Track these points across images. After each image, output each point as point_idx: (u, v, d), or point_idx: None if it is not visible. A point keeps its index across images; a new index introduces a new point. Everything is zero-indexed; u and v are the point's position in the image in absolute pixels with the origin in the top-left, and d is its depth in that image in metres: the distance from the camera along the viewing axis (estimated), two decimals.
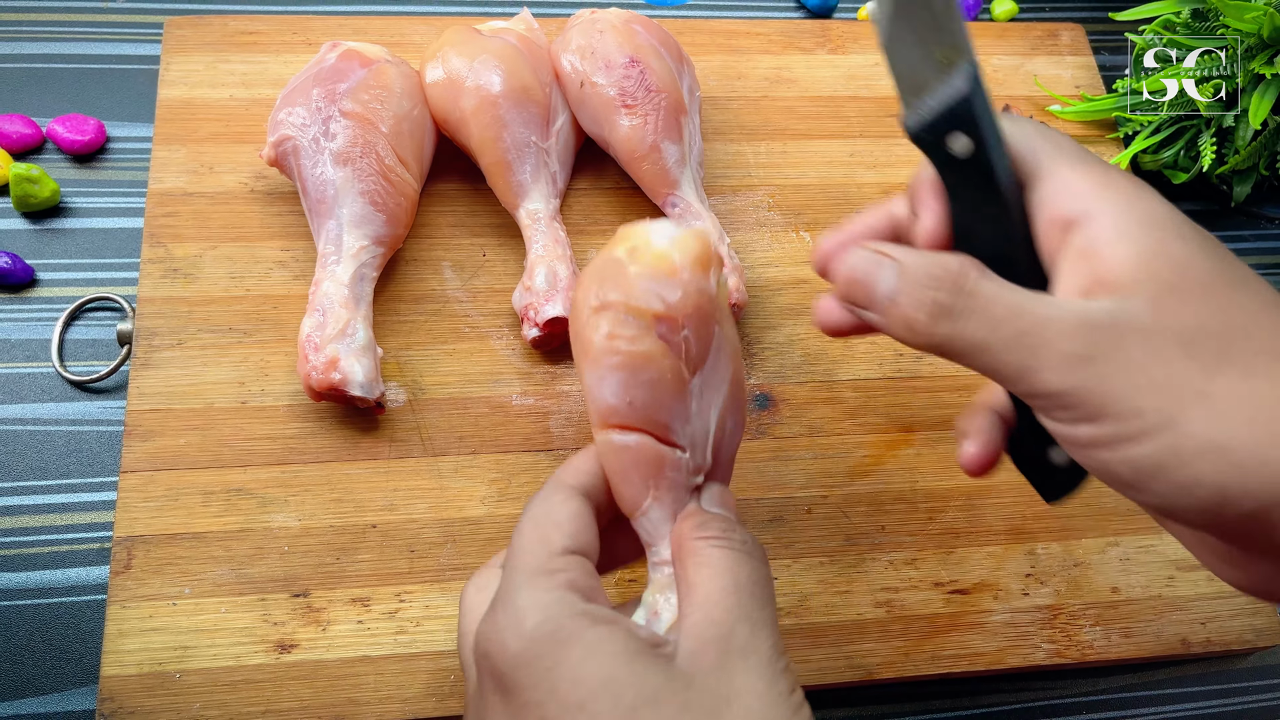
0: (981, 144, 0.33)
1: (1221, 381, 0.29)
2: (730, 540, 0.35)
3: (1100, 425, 0.29)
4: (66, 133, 0.58)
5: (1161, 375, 0.29)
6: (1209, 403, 0.28)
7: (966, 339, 0.31)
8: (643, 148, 0.54)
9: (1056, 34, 0.69)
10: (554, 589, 0.33)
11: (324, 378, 0.48)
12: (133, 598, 0.46)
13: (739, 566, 0.34)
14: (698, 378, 0.37)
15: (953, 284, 0.32)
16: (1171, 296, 0.30)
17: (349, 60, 0.53)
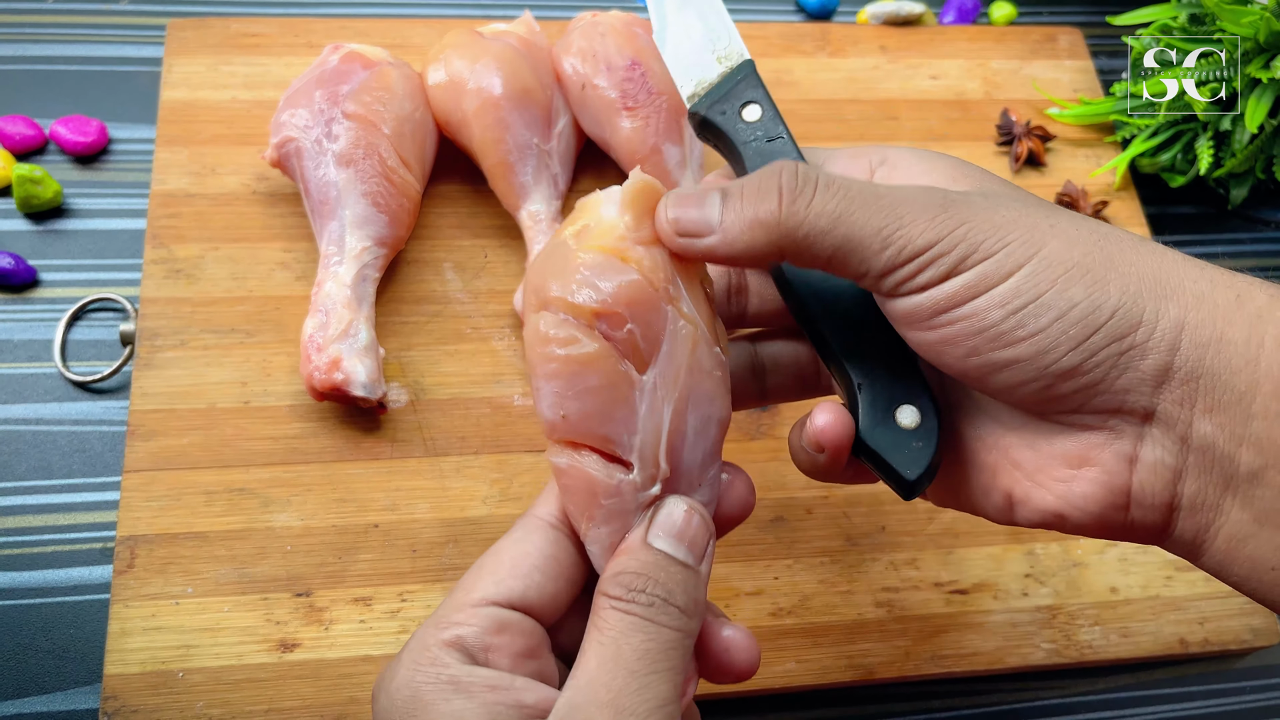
0: (770, 108, 0.38)
1: (1061, 220, 0.31)
2: (632, 601, 0.31)
3: (970, 273, 0.30)
4: (69, 134, 0.58)
5: (1014, 214, 0.30)
6: (1060, 234, 0.30)
7: (826, 210, 0.30)
8: (644, 149, 0.54)
9: (1055, 38, 0.69)
10: (432, 647, 0.31)
11: (326, 378, 0.49)
12: (136, 597, 0.47)
13: (627, 637, 0.30)
14: (650, 372, 0.33)
15: (794, 171, 0.31)
16: (988, 184, 0.33)
17: (351, 62, 0.54)
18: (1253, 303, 0.29)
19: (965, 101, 0.66)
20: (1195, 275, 0.30)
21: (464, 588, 0.32)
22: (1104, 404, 0.30)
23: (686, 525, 0.32)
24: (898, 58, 0.67)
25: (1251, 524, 0.29)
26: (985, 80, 0.67)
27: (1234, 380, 0.29)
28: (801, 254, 0.31)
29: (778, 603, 0.50)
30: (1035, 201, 0.32)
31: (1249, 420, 0.28)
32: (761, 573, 0.51)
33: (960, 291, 0.30)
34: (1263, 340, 0.28)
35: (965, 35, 0.69)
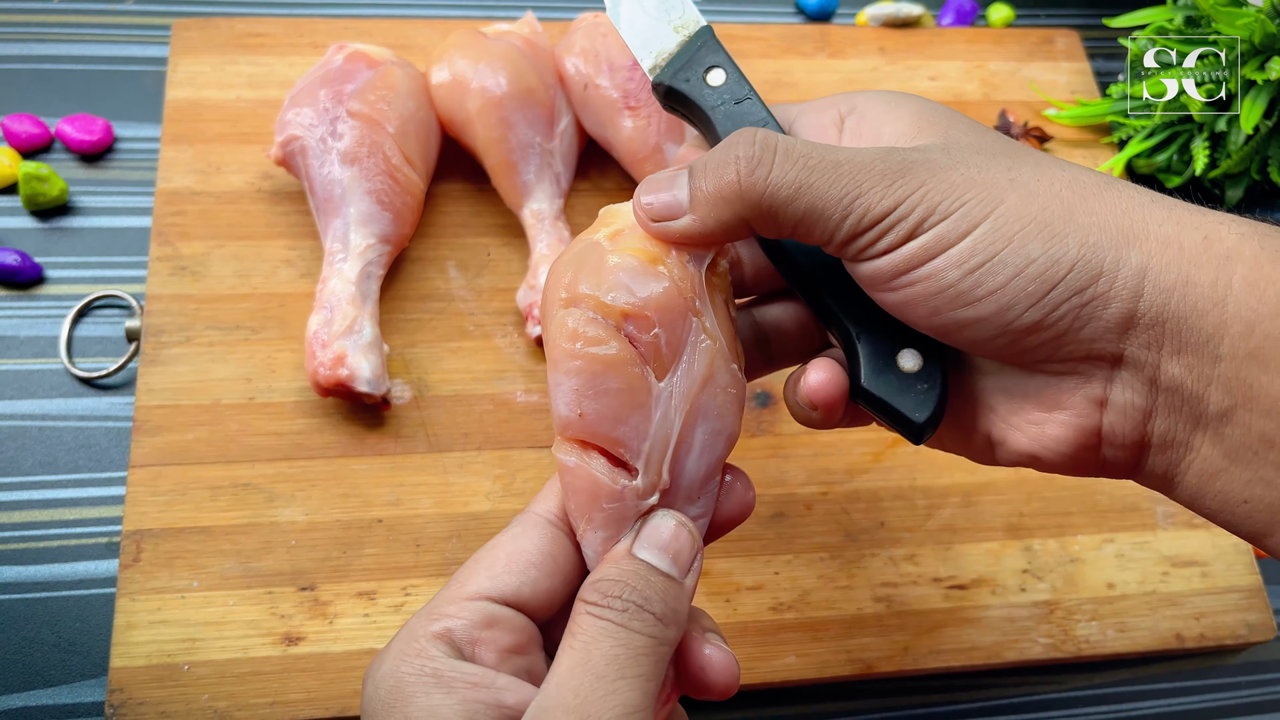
0: (734, 70, 0.38)
1: (1022, 172, 0.31)
2: (606, 607, 0.30)
3: (928, 235, 0.30)
4: (75, 132, 0.59)
5: (972, 171, 0.30)
6: (1019, 188, 0.30)
7: (786, 181, 0.31)
8: (645, 149, 0.55)
9: (1052, 40, 0.70)
10: (419, 639, 0.31)
11: (331, 374, 0.49)
12: (141, 590, 0.47)
13: (597, 642, 0.30)
14: (668, 381, 0.33)
15: (756, 140, 0.31)
16: (954, 131, 0.33)
17: (356, 62, 0.54)
18: (1220, 244, 0.29)
19: (963, 102, 0.66)
20: (1161, 218, 0.30)
21: (458, 581, 0.32)
22: (1071, 353, 0.30)
23: (673, 539, 0.32)
24: (896, 59, 0.67)
25: (1221, 459, 0.30)
26: (983, 81, 0.67)
27: (1200, 322, 0.29)
28: (766, 225, 0.32)
29: (778, 597, 0.50)
30: (999, 150, 0.32)
31: (1217, 361, 0.29)
32: (762, 568, 0.51)
33: (917, 253, 0.30)
34: (1230, 282, 0.28)
35: (963, 37, 0.69)
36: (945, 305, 0.30)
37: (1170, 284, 0.29)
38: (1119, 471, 0.32)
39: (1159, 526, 0.55)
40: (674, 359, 0.33)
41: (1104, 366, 0.31)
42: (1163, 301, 0.29)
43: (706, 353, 0.34)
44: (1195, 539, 0.55)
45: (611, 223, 0.35)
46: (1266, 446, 0.28)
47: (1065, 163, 0.32)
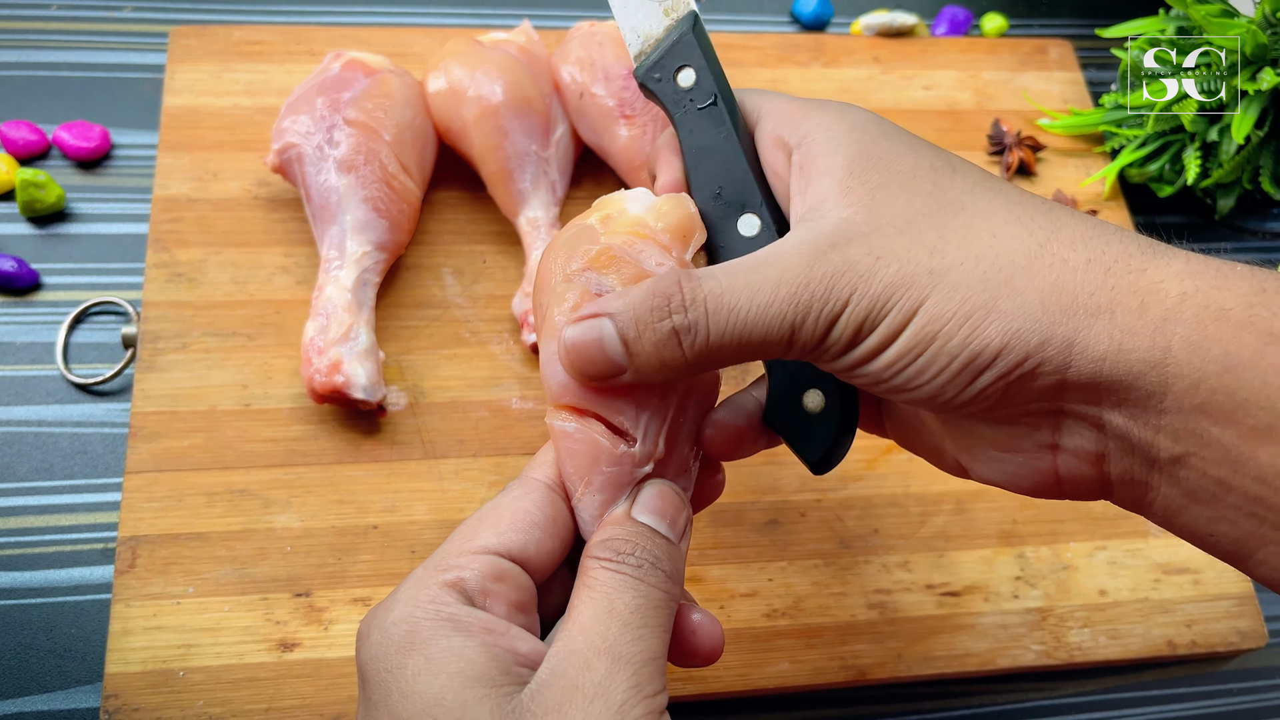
0: (704, 72, 0.37)
1: (945, 256, 0.31)
2: (622, 562, 0.32)
3: (861, 346, 0.31)
4: (72, 139, 0.59)
5: (894, 273, 0.31)
6: (940, 277, 0.30)
7: (719, 344, 0.32)
8: (641, 157, 0.55)
9: (1045, 50, 0.70)
10: (432, 586, 0.31)
11: (327, 380, 0.49)
12: (137, 596, 0.47)
13: (619, 593, 0.31)
14: None
15: (678, 301, 0.32)
16: (882, 193, 0.32)
17: (352, 70, 0.54)
18: (1158, 306, 0.29)
19: (957, 112, 0.67)
20: (1094, 286, 0.29)
21: (464, 535, 0.33)
22: (1011, 415, 0.32)
23: (668, 504, 0.34)
24: (891, 68, 0.68)
25: (1181, 499, 0.30)
26: (977, 91, 0.68)
27: (1139, 382, 0.29)
28: (716, 367, 0.33)
29: (772, 604, 0.51)
30: (927, 218, 0.32)
31: (1162, 414, 0.29)
32: (756, 574, 0.51)
33: (859, 358, 0.31)
34: (1169, 345, 0.28)
35: (957, 47, 0.70)
36: (887, 391, 0.32)
37: (1101, 353, 0.29)
38: (1088, 498, 0.33)
39: (1151, 534, 0.55)
40: None
41: (1048, 419, 0.31)
42: (1094, 369, 0.29)
43: None
44: (1187, 546, 0.55)
45: (604, 208, 0.36)
46: (1224, 490, 0.29)
47: (1000, 216, 0.32)
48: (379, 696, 0.30)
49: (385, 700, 0.30)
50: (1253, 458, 0.28)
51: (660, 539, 0.33)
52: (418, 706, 0.29)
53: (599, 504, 0.34)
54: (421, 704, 0.29)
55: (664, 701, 0.31)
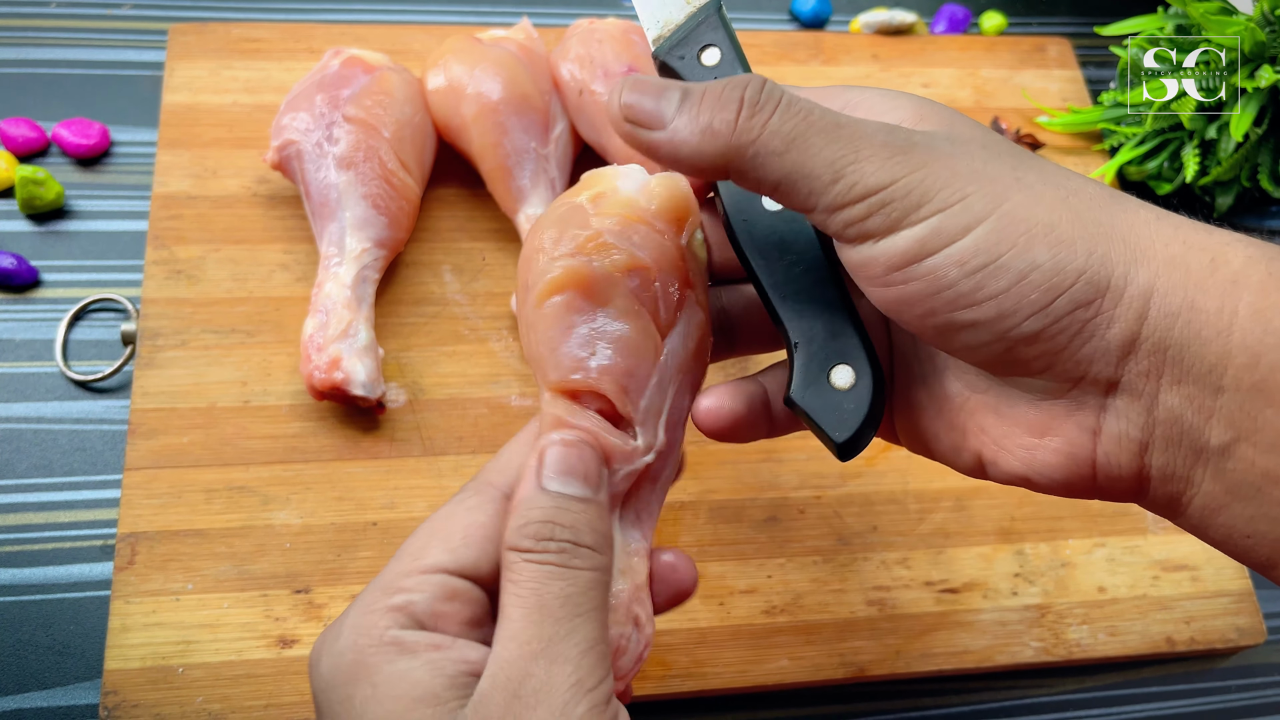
0: (730, 50, 0.35)
1: (1028, 173, 0.29)
2: (544, 551, 0.30)
3: (924, 224, 0.28)
4: (71, 137, 0.59)
5: (977, 164, 0.29)
6: (1026, 188, 0.29)
7: (782, 131, 0.29)
8: (640, 155, 0.55)
9: (1044, 48, 0.70)
10: (379, 611, 0.30)
11: (326, 377, 0.49)
12: (136, 593, 0.47)
13: (546, 585, 0.30)
14: (666, 341, 0.34)
15: (759, 86, 0.29)
16: (958, 125, 0.31)
17: (352, 67, 0.54)
18: (1227, 267, 0.27)
19: (956, 109, 0.67)
20: (1168, 236, 0.28)
21: (413, 553, 0.32)
22: (1067, 372, 0.29)
23: (577, 459, 0.32)
24: (890, 66, 0.68)
25: (1224, 495, 0.28)
26: (976, 89, 0.68)
27: (1204, 351, 0.27)
28: (748, 174, 0.30)
29: (771, 601, 0.51)
30: (1004, 150, 0.30)
31: (1219, 393, 0.27)
32: (755, 571, 0.51)
33: (914, 247, 0.28)
34: (1236, 309, 0.27)
35: (956, 45, 0.70)
36: (942, 306, 0.29)
37: (1175, 307, 0.27)
38: (1119, 498, 0.31)
39: (1149, 531, 0.55)
40: (671, 323, 0.33)
41: (1098, 393, 0.29)
42: (1166, 326, 0.28)
43: (698, 325, 0.34)
44: (1185, 543, 0.55)
45: (594, 185, 0.35)
46: (1271, 483, 0.27)
47: (1069, 171, 0.30)
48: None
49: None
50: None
51: (578, 504, 0.31)
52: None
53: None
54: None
55: (608, 689, 0.29)
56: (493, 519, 0.32)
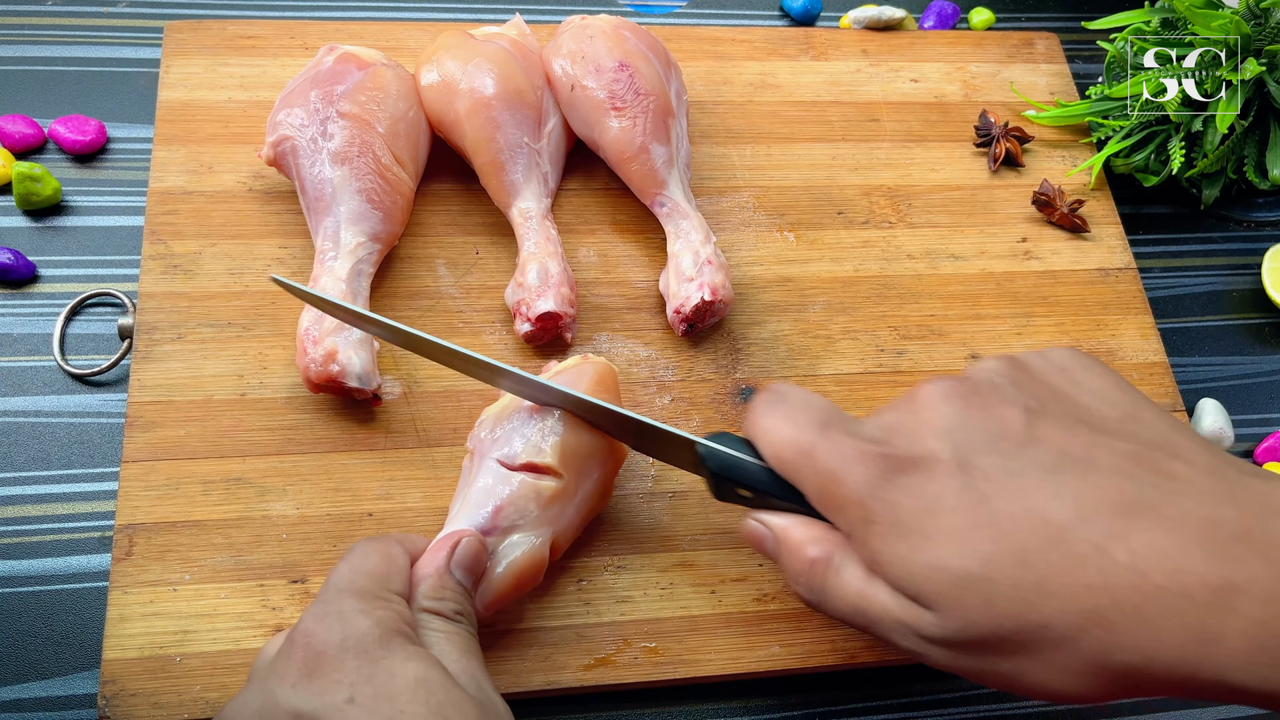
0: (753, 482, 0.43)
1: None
2: (458, 621, 0.41)
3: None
4: (68, 133, 0.59)
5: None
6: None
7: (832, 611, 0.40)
8: (631, 149, 0.56)
9: (1032, 42, 0.71)
10: (387, 610, 0.38)
11: (322, 369, 0.50)
12: (134, 583, 0.48)
13: (460, 637, 0.40)
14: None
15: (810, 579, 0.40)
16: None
17: (346, 63, 0.55)
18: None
19: (945, 104, 0.67)
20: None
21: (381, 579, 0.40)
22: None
23: (476, 559, 0.43)
24: (879, 61, 0.68)
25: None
26: (964, 83, 0.69)
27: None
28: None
29: (762, 588, 0.51)
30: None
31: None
32: (746, 559, 0.52)
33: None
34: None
35: (945, 40, 0.70)
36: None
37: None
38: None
39: None
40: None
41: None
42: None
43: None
44: None
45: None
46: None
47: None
48: (357, 677, 0.35)
49: (369, 679, 0.35)
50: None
51: (465, 593, 0.42)
52: (404, 681, 0.35)
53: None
54: (409, 679, 0.35)
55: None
56: (408, 568, 0.42)
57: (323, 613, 0.37)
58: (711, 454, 0.43)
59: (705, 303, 0.54)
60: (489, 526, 0.45)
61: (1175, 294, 0.66)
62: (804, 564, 0.39)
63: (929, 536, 0.35)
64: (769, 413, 0.41)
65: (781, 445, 0.40)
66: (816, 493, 0.39)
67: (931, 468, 0.36)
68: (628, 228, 0.60)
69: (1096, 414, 0.38)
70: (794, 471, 0.40)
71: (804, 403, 0.40)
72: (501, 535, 0.45)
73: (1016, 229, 0.64)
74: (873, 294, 0.60)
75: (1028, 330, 0.60)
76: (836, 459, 0.38)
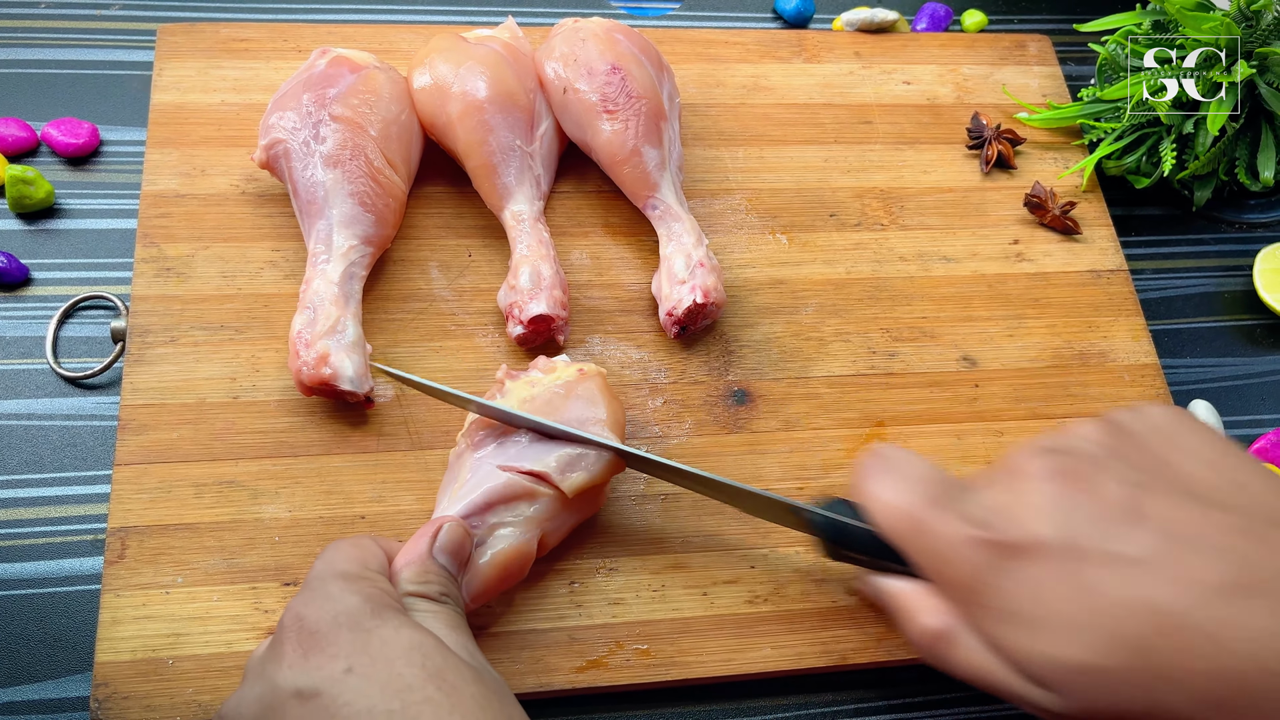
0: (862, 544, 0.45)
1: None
2: (443, 602, 0.41)
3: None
4: (61, 136, 0.59)
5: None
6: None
7: (955, 676, 0.41)
8: (624, 152, 0.56)
9: (1024, 45, 0.71)
10: (373, 587, 0.39)
11: (314, 372, 0.50)
12: (126, 586, 0.48)
13: (449, 615, 0.41)
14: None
15: (931, 648, 0.41)
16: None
17: (338, 66, 0.55)
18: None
19: (937, 106, 0.68)
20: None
21: (359, 560, 0.41)
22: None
23: (461, 544, 0.44)
24: (871, 63, 0.68)
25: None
26: (957, 85, 0.69)
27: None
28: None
29: (754, 590, 0.51)
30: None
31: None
32: (738, 561, 0.52)
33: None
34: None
35: (937, 42, 0.70)
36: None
37: None
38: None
39: None
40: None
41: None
42: None
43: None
44: None
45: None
46: None
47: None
48: (352, 648, 0.36)
49: (364, 648, 0.36)
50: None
51: (450, 578, 0.42)
52: (400, 647, 0.36)
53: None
54: (405, 645, 0.36)
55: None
56: (385, 558, 0.42)
57: (309, 598, 0.38)
58: (825, 521, 0.45)
59: (697, 305, 0.54)
60: (477, 520, 0.45)
61: (1167, 295, 0.66)
62: (923, 633, 0.41)
63: (1042, 626, 0.36)
64: (879, 480, 0.42)
65: (891, 516, 0.41)
66: (927, 569, 0.40)
67: (1038, 554, 0.36)
68: (620, 230, 0.60)
69: (1201, 483, 0.37)
70: (903, 543, 0.41)
71: (912, 472, 0.41)
72: (489, 529, 0.45)
73: (1008, 231, 0.64)
74: (865, 296, 0.60)
75: (1019, 332, 0.60)
76: (944, 542, 0.38)
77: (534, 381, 0.49)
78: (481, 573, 0.45)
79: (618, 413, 0.49)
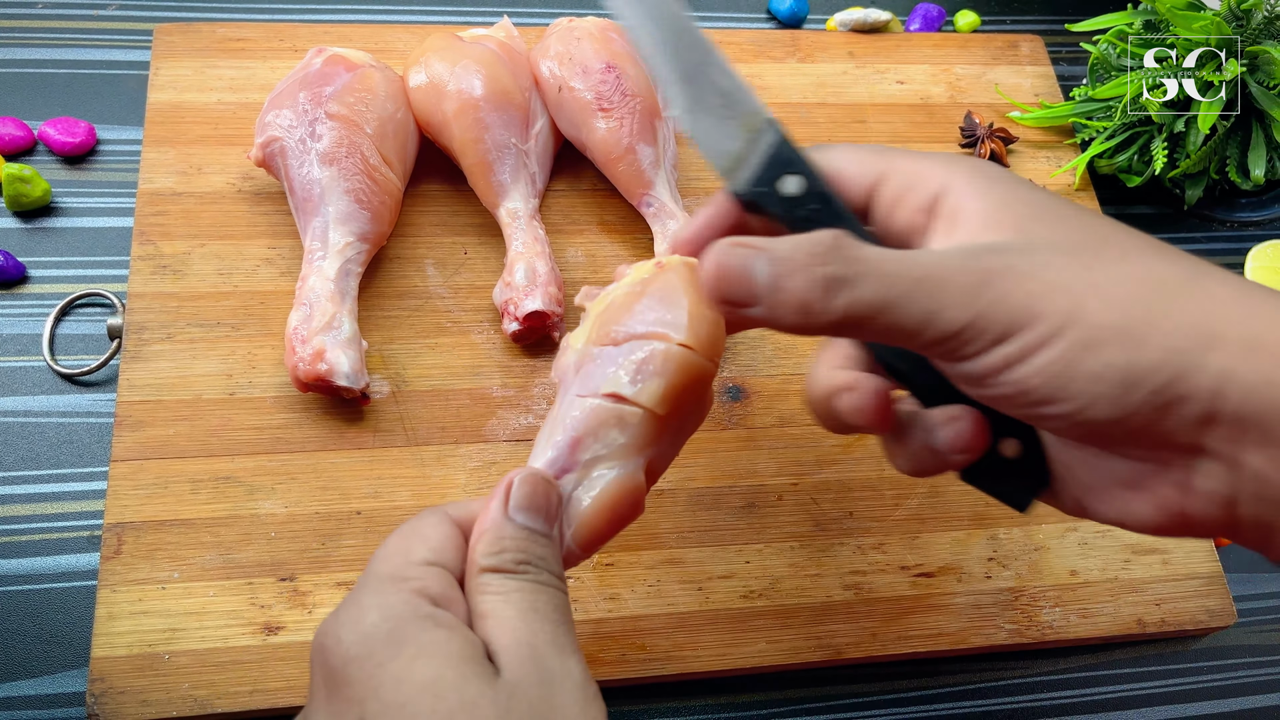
0: (810, 176, 0.37)
1: (1102, 272, 0.31)
2: (524, 573, 0.35)
3: (1008, 344, 0.31)
4: (58, 135, 0.59)
5: (1053, 277, 0.31)
6: (1099, 291, 0.30)
7: (866, 302, 0.31)
8: (618, 149, 0.56)
9: (1017, 45, 0.72)
10: (401, 593, 0.33)
11: (311, 369, 0.50)
12: (123, 582, 0.48)
13: (535, 596, 0.34)
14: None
15: (838, 254, 0.32)
16: (1033, 223, 0.33)
17: (334, 65, 0.55)
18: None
19: (930, 105, 0.68)
20: (1245, 316, 0.30)
21: (402, 551, 0.35)
22: (1150, 442, 0.31)
23: (542, 496, 0.37)
24: (865, 63, 0.69)
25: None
26: (950, 85, 0.69)
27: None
28: (845, 335, 0.36)
29: (749, 585, 0.52)
30: (1081, 243, 0.32)
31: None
32: (733, 556, 0.52)
33: (1000, 362, 0.31)
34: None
35: (930, 42, 0.71)
36: (1028, 404, 0.32)
37: (1252, 384, 0.29)
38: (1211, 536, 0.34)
39: None
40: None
41: (1183, 455, 0.31)
42: (1242, 399, 0.29)
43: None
44: None
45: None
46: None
47: (1149, 248, 0.32)
48: (365, 690, 0.31)
49: (375, 692, 0.31)
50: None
51: (539, 538, 0.36)
52: (413, 688, 0.31)
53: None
54: (418, 685, 0.31)
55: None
56: (452, 534, 0.36)
57: (341, 612, 0.34)
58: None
59: None
60: (570, 461, 0.38)
61: None
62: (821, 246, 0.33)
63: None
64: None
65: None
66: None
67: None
68: (615, 228, 0.60)
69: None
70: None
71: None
72: (585, 468, 0.38)
73: None
74: None
75: None
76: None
77: (611, 291, 0.42)
78: (587, 519, 0.38)
79: (698, 309, 0.39)
